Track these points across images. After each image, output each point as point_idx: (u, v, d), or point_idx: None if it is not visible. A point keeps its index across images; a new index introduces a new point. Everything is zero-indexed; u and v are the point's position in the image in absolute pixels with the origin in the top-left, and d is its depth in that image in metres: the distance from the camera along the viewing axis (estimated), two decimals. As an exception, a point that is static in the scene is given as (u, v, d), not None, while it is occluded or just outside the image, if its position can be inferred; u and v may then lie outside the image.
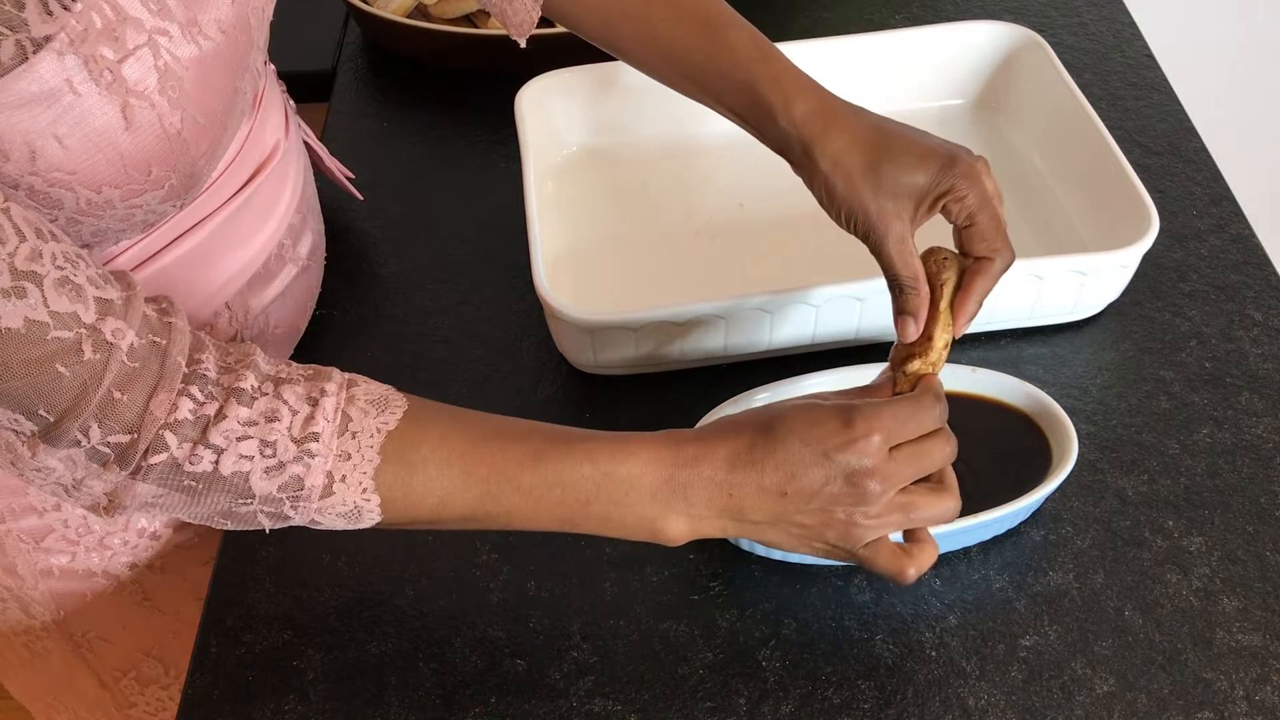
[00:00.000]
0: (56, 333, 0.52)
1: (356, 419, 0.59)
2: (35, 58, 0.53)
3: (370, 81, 1.11)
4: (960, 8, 1.14)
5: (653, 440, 0.62)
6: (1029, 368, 0.81)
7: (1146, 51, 1.07)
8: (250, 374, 0.58)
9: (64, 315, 0.53)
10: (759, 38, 0.73)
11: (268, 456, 0.57)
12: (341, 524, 0.60)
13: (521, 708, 0.66)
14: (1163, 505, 0.73)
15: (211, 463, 0.57)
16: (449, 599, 0.71)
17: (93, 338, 0.54)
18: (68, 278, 0.53)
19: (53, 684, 0.89)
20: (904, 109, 1.00)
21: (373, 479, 0.59)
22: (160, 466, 0.56)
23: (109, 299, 0.55)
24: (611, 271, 0.89)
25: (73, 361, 0.53)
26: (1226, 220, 0.90)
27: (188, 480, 0.57)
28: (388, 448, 0.59)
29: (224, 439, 0.56)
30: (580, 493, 0.61)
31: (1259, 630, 0.67)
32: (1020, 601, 0.69)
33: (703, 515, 0.61)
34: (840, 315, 0.79)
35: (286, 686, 0.68)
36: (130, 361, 0.55)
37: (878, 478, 0.60)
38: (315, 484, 0.58)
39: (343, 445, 0.59)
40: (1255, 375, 0.80)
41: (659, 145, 0.98)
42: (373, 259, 0.92)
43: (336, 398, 0.59)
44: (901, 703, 0.65)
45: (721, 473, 0.61)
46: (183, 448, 0.56)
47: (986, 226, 0.66)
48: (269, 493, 0.58)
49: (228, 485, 0.57)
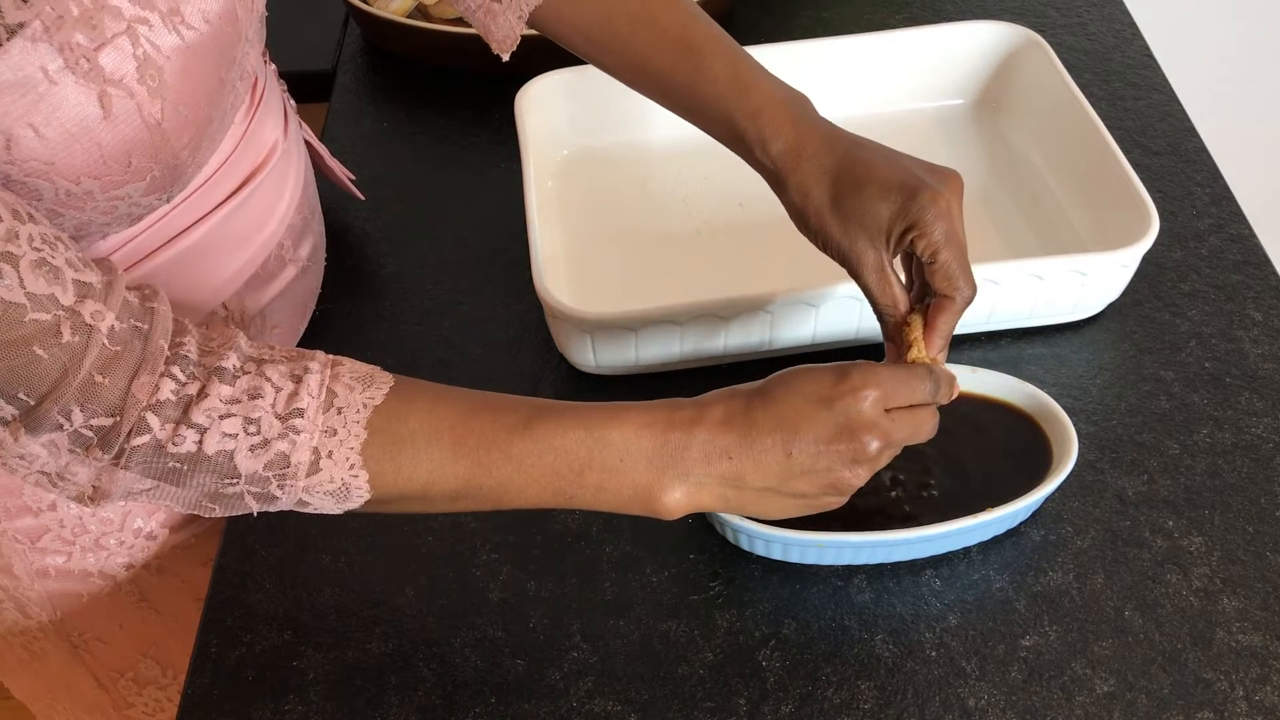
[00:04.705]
0: (34, 315, 0.52)
1: (342, 394, 0.59)
2: (8, 44, 0.52)
3: (370, 81, 1.11)
4: (960, 8, 1.14)
5: (647, 406, 0.62)
6: (1029, 368, 0.81)
7: (1146, 51, 1.07)
8: (232, 354, 0.58)
9: (41, 297, 0.52)
10: (740, 65, 0.72)
11: (252, 434, 0.57)
12: (330, 503, 0.60)
13: (521, 708, 0.66)
14: (1163, 505, 0.73)
15: (195, 442, 0.56)
16: (449, 599, 0.71)
17: (71, 320, 0.53)
18: (45, 259, 0.53)
19: (50, 684, 0.89)
20: (904, 109, 1.00)
21: (360, 454, 0.58)
22: (144, 449, 0.56)
23: (88, 282, 0.54)
24: (611, 271, 0.89)
25: (51, 344, 0.52)
26: (1226, 220, 0.90)
27: (172, 462, 0.56)
28: (374, 422, 0.59)
29: (206, 418, 0.56)
30: (574, 460, 0.60)
31: (1259, 630, 0.67)
32: (1020, 601, 0.69)
33: (701, 483, 0.61)
34: (840, 315, 0.79)
35: (286, 686, 0.68)
36: (111, 345, 0.54)
37: (877, 434, 0.61)
38: (301, 461, 0.57)
39: (328, 421, 0.58)
40: (1255, 375, 0.80)
41: (659, 145, 0.98)
42: (373, 259, 0.92)
43: (320, 374, 0.58)
44: (901, 703, 0.65)
45: (720, 435, 0.61)
46: (165, 428, 0.56)
47: (949, 264, 0.65)
48: (255, 471, 0.57)
49: (212, 465, 0.57)
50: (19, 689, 0.92)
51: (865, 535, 0.68)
